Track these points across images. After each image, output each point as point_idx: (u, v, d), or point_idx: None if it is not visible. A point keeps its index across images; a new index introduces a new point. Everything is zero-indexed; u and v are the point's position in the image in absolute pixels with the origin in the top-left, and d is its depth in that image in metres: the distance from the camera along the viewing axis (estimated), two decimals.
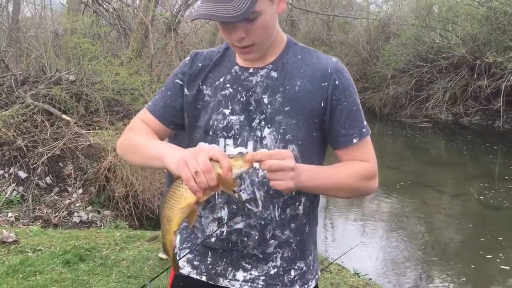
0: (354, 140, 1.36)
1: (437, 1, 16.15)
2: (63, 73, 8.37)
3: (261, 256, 1.38)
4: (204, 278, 1.43)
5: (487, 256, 5.60)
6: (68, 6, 12.53)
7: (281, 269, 1.39)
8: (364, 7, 22.05)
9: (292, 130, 1.31)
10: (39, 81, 8.19)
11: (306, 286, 1.43)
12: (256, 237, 1.36)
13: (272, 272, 1.39)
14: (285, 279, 1.40)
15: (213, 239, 1.40)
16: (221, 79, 1.39)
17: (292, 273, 1.41)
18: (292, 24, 22.75)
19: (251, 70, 1.36)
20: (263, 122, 1.32)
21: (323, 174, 1.32)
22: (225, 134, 1.35)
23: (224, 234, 1.38)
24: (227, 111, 1.35)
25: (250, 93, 1.35)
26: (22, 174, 6.55)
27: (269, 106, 1.32)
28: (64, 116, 7.20)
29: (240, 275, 1.39)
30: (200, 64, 1.43)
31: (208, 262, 1.42)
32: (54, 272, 3.92)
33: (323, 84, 1.33)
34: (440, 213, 7.35)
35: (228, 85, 1.37)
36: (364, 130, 1.38)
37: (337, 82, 1.33)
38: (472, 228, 6.68)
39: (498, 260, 5.48)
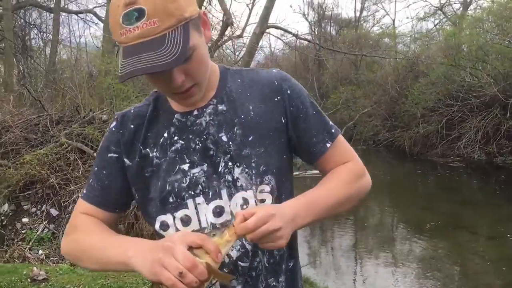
0: (328, 145, 1.24)
1: (466, 40, 16.09)
2: (96, 112, 8.61)
3: None
4: None
5: None
6: (102, 48, 13.01)
7: None
8: (392, 46, 22.19)
9: (264, 160, 1.17)
10: (73, 121, 8.43)
11: None
12: None
13: None
14: None
15: None
16: (165, 134, 1.20)
17: None
18: (320, 64, 23.01)
19: (195, 113, 1.20)
20: (230, 163, 1.16)
21: (317, 202, 1.18)
22: (192, 193, 1.16)
23: None
24: (185, 166, 1.17)
25: (204, 137, 1.18)
26: (54, 212, 6.66)
27: (230, 143, 1.17)
28: (96, 154, 7.35)
29: None
30: (132, 126, 1.22)
31: None
32: None
33: (276, 99, 1.21)
34: (475, 257, 7.06)
35: (176, 138, 1.19)
36: (333, 130, 1.26)
37: (289, 92, 1.22)
38: (510, 273, 6.38)
39: None
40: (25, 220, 6.77)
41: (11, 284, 4.53)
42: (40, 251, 6.07)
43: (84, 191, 1.26)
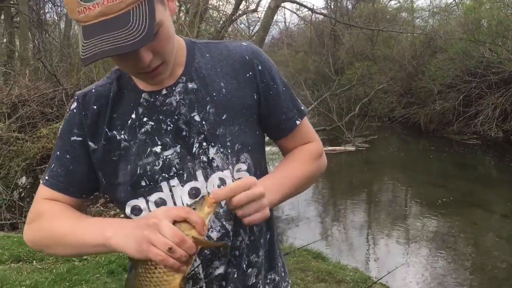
0: (297, 122, 1.22)
1: (486, 15, 15.70)
2: None
3: None
4: None
5: None
6: None
7: None
8: (409, 21, 21.76)
9: (239, 138, 1.13)
10: None
11: None
12: (235, 275, 1.16)
13: None
14: None
15: None
16: (133, 116, 1.13)
17: None
18: (335, 39, 22.70)
19: (164, 92, 1.13)
20: (204, 143, 1.12)
21: (285, 181, 1.17)
22: (166, 175, 1.11)
23: None
24: (157, 148, 1.11)
25: (176, 117, 1.12)
26: None
27: (204, 122, 1.12)
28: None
29: None
30: (95, 107, 1.14)
31: None
32: (99, 282, 4.00)
33: (247, 75, 1.16)
34: (490, 234, 7.04)
35: (145, 119, 1.12)
36: (302, 108, 1.25)
37: (260, 67, 1.17)
38: None
39: None
40: None
41: (30, 254, 4.66)
42: None
43: (46, 177, 1.17)
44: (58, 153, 1.17)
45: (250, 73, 1.16)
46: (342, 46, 21.91)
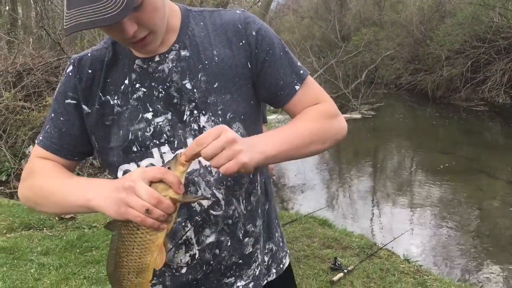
0: (297, 87, 1.17)
1: None
2: None
3: (241, 261, 1.20)
4: None
5: None
6: None
7: (262, 263, 1.26)
8: None
9: (230, 106, 1.12)
10: None
11: (281, 265, 1.32)
12: (229, 243, 1.17)
13: (257, 273, 1.24)
14: (264, 270, 1.27)
15: (183, 270, 1.17)
16: (126, 81, 1.13)
17: (266, 258, 1.28)
18: (342, 4, 22.30)
19: (157, 59, 1.13)
20: (195, 111, 1.11)
21: (282, 135, 1.11)
22: (157, 142, 1.12)
23: (196, 256, 1.16)
24: (149, 115, 1.12)
25: (168, 84, 1.12)
26: None
27: (195, 90, 1.11)
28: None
29: None
30: (90, 71, 1.15)
31: None
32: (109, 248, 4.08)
33: (240, 43, 1.14)
34: (495, 200, 7.06)
35: (138, 85, 1.12)
36: (301, 71, 1.19)
37: (254, 33, 1.14)
38: None
39: None
40: None
41: (40, 222, 4.73)
42: None
43: (41, 138, 1.19)
44: (52, 115, 1.18)
45: (243, 41, 1.14)
46: (348, 11, 21.56)
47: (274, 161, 1.11)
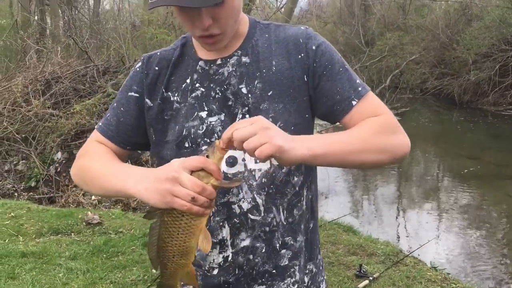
0: (354, 102, 1.15)
1: None
2: None
3: (274, 271, 1.20)
4: None
5: None
6: None
7: (301, 283, 1.24)
8: None
9: (282, 116, 1.14)
10: (118, 71, 8.59)
11: None
12: (263, 250, 1.18)
13: None
14: None
15: (215, 271, 1.20)
16: (188, 80, 1.20)
17: (306, 279, 1.26)
18: (366, 9, 22.15)
19: (219, 62, 1.19)
20: (247, 115, 1.15)
21: (333, 137, 1.09)
22: (207, 141, 1.16)
23: (229, 258, 1.18)
24: (203, 114, 1.17)
25: (225, 86, 1.17)
26: None
27: (249, 95, 1.16)
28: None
29: None
30: (157, 68, 1.23)
31: None
32: (135, 254, 4.13)
33: (299, 56, 1.17)
34: None
35: (197, 85, 1.19)
36: (360, 88, 1.16)
37: (314, 48, 1.17)
38: None
39: None
40: None
41: (68, 227, 4.82)
42: (93, 197, 6.37)
43: (100, 124, 1.28)
44: (115, 104, 1.27)
45: (302, 54, 1.17)
46: (372, 16, 21.38)
47: (322, 162, 1.06)
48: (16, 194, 6.93)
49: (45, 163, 7.15)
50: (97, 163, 1.19)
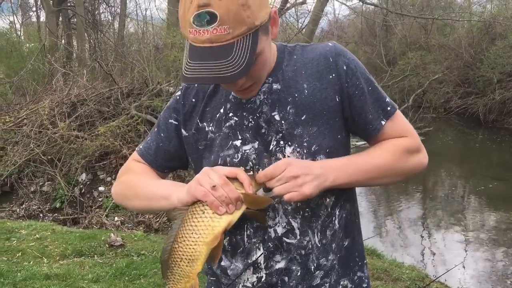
0: (383, 122, 1.22)
1: None
2: (164, 85, 8.84)
3: None
4: None
5: None
6: (167, 21, 13.22)
7: None
8: (466, 7, 20.83)
9: (316, 139, 1.17)
10: (142, 93, 8.72)
11: None
12: (299, 273, 1.20)
13: None
14: None
15: None
16: (221, 110, 1.23)
17: None
18: (387, 29, 22.12)
19: None
20: (281, 142, 1.18)
21: (357, 164, 1.18)
22: (243, 169, 1.18)
23: (263, 279, 1.21)
24: (238, 143, 1.20)
25: (258, 115, 1.20)
26: None
27: (283, 122, 1.18)
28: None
29: None
30: (193, 100, 1.27)
31: None
32: (157, 276, 4.12)
33: (330, 76, 1.18)
34: None
35: (231, 114, 1.22)
36: (388, 108, 1.23)
37: (344, 68, 1.19)
38: None
39: None
40: (101, 188, 7.17)
41: (92, 249, 4.85)
42: (116, 218, 6.43)
43: (141, 147, 1.35)
44: (155, 129, 1.33)
45: (333, 74, 1.19)
46: (394, 36, 21.31)
47: (342, 187, 1.18)
48: (41, 215, 7.05)
49: (70, 184, 7.26)
50: (142, 176, 1.28)
